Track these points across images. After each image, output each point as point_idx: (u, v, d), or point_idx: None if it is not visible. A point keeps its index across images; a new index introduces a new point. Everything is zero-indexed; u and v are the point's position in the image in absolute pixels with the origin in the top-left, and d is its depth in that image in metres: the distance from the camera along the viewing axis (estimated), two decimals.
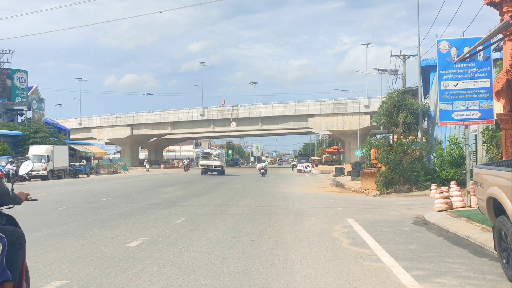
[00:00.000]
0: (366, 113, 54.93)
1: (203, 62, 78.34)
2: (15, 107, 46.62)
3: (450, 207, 11.23)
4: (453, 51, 12.65)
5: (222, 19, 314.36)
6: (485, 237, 7.42)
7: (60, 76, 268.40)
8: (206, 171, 39.39)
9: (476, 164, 13.39)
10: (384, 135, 24.42)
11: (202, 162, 40.31)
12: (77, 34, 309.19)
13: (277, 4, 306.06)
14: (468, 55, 10.65)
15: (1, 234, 3.64)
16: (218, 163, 39.57)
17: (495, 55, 15.39)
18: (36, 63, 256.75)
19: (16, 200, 3.99)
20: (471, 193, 11.36)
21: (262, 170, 36.08)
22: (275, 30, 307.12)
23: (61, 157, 36.03)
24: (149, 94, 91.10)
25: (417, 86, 22.12)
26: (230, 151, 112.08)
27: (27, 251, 6.06)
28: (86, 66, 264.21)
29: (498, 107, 12.35)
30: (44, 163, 33.83)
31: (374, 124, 25.37)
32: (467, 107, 12.46)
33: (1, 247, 3.59)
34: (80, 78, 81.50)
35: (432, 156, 19.42)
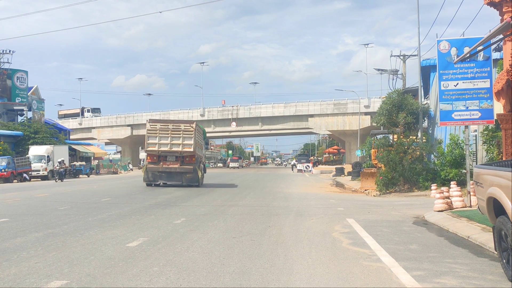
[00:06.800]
0: (366, 113, 54.85)
1: (203, 62, 79.04)
2: (15, 107, 46.65)
3: (450, 207, 11.23)
4: (453, 51, 12.64)
5: (228, 20, 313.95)
6: (485, 237, 7.42)
7: (64, 77, 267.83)
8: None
9: (476, 164, 13.39)
10: (384, 135, 24.42)
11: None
12: (82, 34, 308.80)
13: (282, 5, 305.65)
14: (468, 55, 10.65)
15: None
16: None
17: (495, 55, 15.38)
18: (40, 64, 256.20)
19: None
20: (471, 193, 11.35)
21: (278, 164, 71.74)
22: (279, 31, 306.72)
23: (61, 157, 36.12)
24: (149, 94, 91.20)
25: (417, 86, 22.14)
26: (230, 151, 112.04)
27: (27, 251, 6.08)
28: (91, 67, 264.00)
29: (498, 107, 12.34)
30: (44, 163, 33.89)
31: (374, 124, 25.37)
32: (467, 107, 12.45)
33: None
34: (80, 78, 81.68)
35: (432, 156, 19.42)
